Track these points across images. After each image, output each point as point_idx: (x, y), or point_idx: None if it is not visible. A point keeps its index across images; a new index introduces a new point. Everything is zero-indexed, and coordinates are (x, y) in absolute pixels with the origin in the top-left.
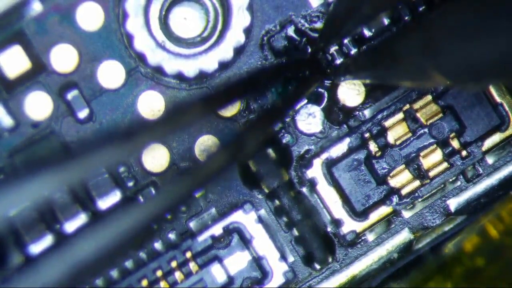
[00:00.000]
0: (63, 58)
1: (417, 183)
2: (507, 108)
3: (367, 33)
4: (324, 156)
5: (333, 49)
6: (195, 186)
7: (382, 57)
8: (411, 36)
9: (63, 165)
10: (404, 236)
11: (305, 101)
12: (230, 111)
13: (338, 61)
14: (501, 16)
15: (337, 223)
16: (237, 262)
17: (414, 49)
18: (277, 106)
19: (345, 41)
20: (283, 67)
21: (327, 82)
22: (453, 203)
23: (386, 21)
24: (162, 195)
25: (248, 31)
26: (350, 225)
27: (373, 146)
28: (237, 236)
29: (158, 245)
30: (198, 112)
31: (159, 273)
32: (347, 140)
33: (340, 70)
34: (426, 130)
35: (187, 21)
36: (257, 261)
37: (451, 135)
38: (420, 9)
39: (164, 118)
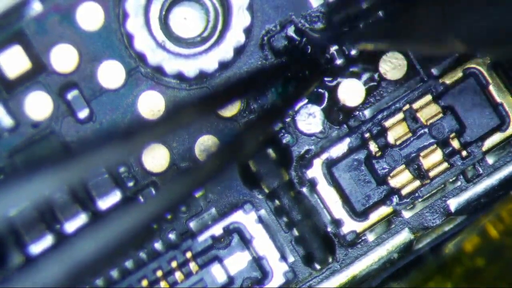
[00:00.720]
0: (63, 58)
1: (417, 183)
2: (507, 108)
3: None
4: (324, 156)
5: (333, 49)
6: (195, 186)
7: (400, 23)
8: (429, 2)
9: (63, 165)
10: (404, 236)
11: (305, 101)
12: (230, 111)
13: (338, 61)
14: None
15: (337, 223)
16: (237, 262)
17: (432, 16)
18: (277, 106)
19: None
20: (283, 66)
21: (328, 82)
22: (453, 203)
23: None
24: (162, 195)
25: (248, 31)
26: (350, 225)
27: (373, 146)
28: (237, 236)
29: (158, 245)
30: (198, 111)
31: (159, 273)
32: (347, 140)
33: (359, 36)
34: (426, 130)
35: (187, 21)
36: (257, 261)
37: (451, 135)
38: None
39: (164, 118)
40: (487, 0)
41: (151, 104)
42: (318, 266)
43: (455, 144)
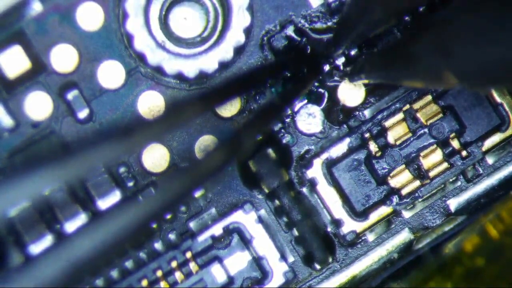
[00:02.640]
0: (63, 58)
1: (417, 183)
2: (507, 108)
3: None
4: (324, 156)
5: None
6: (193, 184)
7: (395, 57)
8: (425, 37)
9: (63, 165)
10: (404, 236)
11: (305, 101)
12: (229, 111)
13: (338, 61)
14: None
15: (337, 223)
16: (237, 262)
17: (429, 50)
18: (275, 104)
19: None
20: (281, 65)
21: (329, 82)
22: (453, 203)
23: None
24: (161, 194)
25: (248, 31)
26: (350, 225)
27: (373, 146)
28: (237, 236)
29: (158, 245)
30: (197, 109)
31: (159, 273)
32: (347, 140)
33: (353, 70)
34: (426, 130)
35: (187, 21)
36: (257, 261)
37: (451, 135)
38: (421, 9)
39: (163, 117)
40: (484, 36)
41: (151, 104)
42: (318, 266)
43: (455, 144)
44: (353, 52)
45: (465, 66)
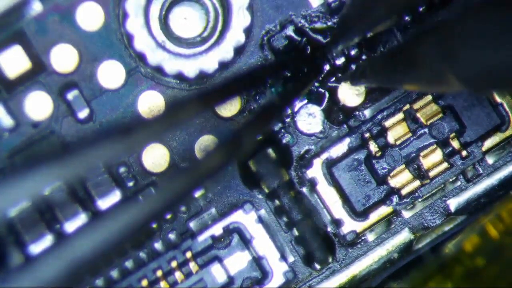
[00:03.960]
0: (63, 58)
1: (417, 183)
2: (507, 108)
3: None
4: (324, 156)
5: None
6: (193, 184)
7: (398, 61)
8: (429, 40)
9: (63, 165)
10: (404, 236)
11: (305, 101)
12: (230, 111)
13: (338, 61)
14: None
15: (337, 223)
16: (237, 262)
17: (432, 54)
18: (275, 103)
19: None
20: (281, 65)
21: (330, 83)
22: (453, 203)
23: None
24: (161, 194)
25: (248, 31)
26: (350, 225)
27: (373, 146)
28: (237, 236)
29: (158, 245)
30: (197, 109)
31: (159, 273)
32: (347, 140)
33: (355, 74)
34: (426, 130)
35: (187, 21)
36: (257, 261)
37: (451, 135)
38: (421, 9)
39: (163, 116)
40: (489, 40)
41: (151, 104)
42: (318, 266)
43: (455, 144)
44: (353, 52)
45: (469, 70)
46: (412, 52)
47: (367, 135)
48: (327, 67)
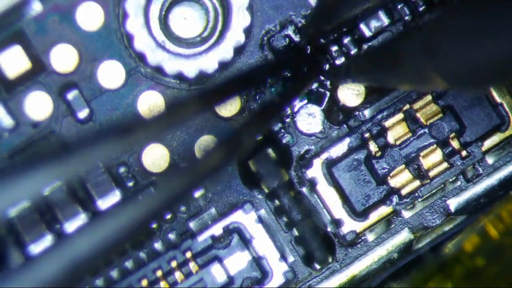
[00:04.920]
0: (63, 58)
1: (417, 183)
2: (507, 108)
3: (367, 33)
4: (324, 156)
5: (333, 49)
6: (193, 184)
7: (382, 59)
8: (411, 38)
9: (63, 165)
10: (404, 236)
11: (305, 101)
12: (230, 111)
13: (338, 60)
14: (501, 18)
15: (337, 223)
16: (237, 262)
17: (415, 52)
18: (274, 103)
19: (345, 41)
20: (281, 65)
21: (328, 83)
22: (453, 203)
23: (386, 21)
24: (160, 193)
25: (248, 31)
26: (350, 225)
27: (373, 146)
28: (237, 236)
29: (158, 245)
30: (197, 109)
31: (159, 273)
32: (347, 140)
33: (340, 73)
34: (426, 130)
35: (187, 21)
36: (257, 261)
37: (451, 135)
38: (420, 9)
39: (163, 116)
40: (471, 37)
41: (151, 104)
42: (318, 266)
43: (455, 144)
44: (353, 52)
45: (450, 66)
46: (395, 50)
47: (367, 135)
48: (327, 67)
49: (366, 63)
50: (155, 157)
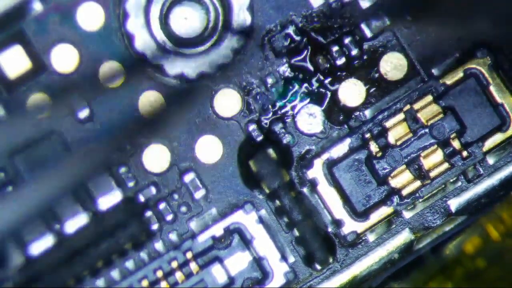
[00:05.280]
0: (64, 58)
1: (418, 183)
2: (507, 109)
3: (368, 34)
4: (325, 156)
5: (334, 49)
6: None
7: None
8: None
9: (63, 165)
10: (404, 236)
11: (306, 101)
12: (230, 111)
13: (339, 61)
14: None
15: (337, 223)
16: (237, 262)
17: None
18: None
19: (346, 41)
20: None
21: (327, 81)
22: (454, 204)
23: (387, 21)
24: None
25: (248, 31)
26: (350, 226)
27: (373, 147)
28: (238, 237)
29: (158, 246)
30: (196, 109)
31: (159, 273)
32: (347, 141)
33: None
34: (427, 130)
35: (188, 21)
36: (258, 262)
37: (452, 136)
38: None
39: (163, 116)
40: None
41: (151, 104)
42: (318, 267)
43: (456, 144)
44: (353, 52)
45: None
46: None
47: (367, 135)
48: (327, 67)
49: None
50: (155, 157)
